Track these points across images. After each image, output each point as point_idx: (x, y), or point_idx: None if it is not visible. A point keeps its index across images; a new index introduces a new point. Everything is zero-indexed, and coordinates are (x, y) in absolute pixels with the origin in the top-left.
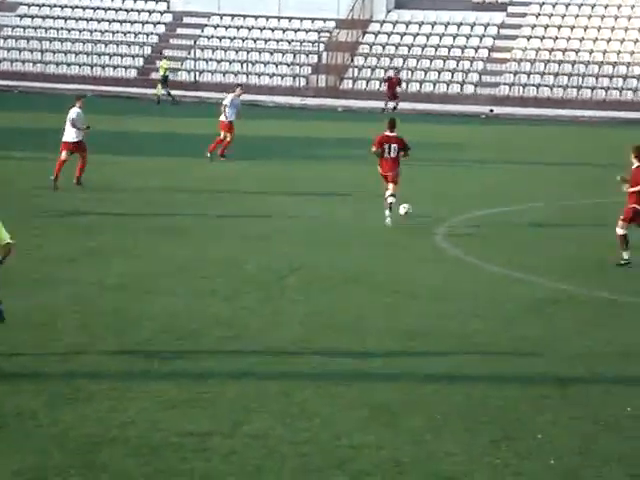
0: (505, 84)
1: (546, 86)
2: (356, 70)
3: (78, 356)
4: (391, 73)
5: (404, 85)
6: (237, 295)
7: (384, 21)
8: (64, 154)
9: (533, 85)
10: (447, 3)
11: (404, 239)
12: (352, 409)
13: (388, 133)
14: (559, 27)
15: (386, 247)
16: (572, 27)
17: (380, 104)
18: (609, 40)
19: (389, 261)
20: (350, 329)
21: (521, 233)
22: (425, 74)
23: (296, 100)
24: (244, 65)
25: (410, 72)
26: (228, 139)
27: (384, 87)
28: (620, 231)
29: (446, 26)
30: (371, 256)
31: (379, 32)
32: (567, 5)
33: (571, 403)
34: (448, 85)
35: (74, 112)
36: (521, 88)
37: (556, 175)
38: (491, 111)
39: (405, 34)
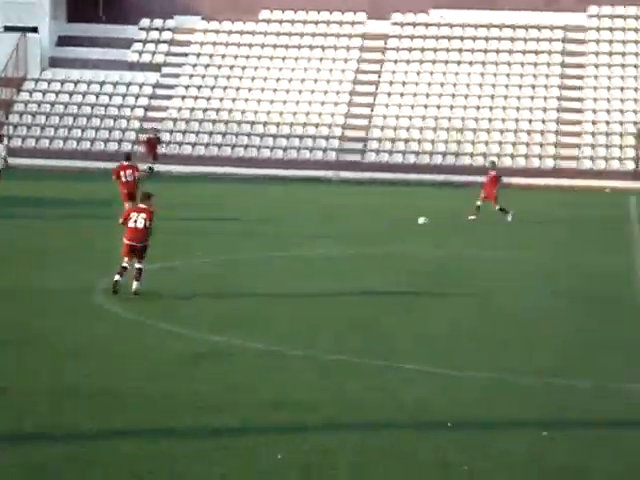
0: (162, 143)
1: (201, 144)
2: (11, 128)
3: None
4: (150, 134)
5: (61, 143)
6: None
7: (39, 79)
8: None
9: (189, 143)
10: (103, 63)
11: (60, 297)
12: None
13: None
14: (212, 87)
15: (36, 302)
16: (225, 88)
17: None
18: (259, 101)
19: (41, 317)
20: (10, 390)
21: (182, 288)
22: (82, 132)
23: None
24: None
25: (68, 130)
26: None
27: (143, 148)
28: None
29: (102, 85)
30: (19, 312)
31: (34, 90)
32: (219, 67)
33: (226, 455)
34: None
35: None
36: (178, 146)
37: (216, 229)
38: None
39: (60, 92)
